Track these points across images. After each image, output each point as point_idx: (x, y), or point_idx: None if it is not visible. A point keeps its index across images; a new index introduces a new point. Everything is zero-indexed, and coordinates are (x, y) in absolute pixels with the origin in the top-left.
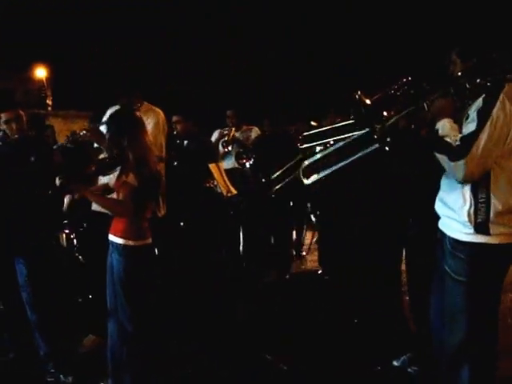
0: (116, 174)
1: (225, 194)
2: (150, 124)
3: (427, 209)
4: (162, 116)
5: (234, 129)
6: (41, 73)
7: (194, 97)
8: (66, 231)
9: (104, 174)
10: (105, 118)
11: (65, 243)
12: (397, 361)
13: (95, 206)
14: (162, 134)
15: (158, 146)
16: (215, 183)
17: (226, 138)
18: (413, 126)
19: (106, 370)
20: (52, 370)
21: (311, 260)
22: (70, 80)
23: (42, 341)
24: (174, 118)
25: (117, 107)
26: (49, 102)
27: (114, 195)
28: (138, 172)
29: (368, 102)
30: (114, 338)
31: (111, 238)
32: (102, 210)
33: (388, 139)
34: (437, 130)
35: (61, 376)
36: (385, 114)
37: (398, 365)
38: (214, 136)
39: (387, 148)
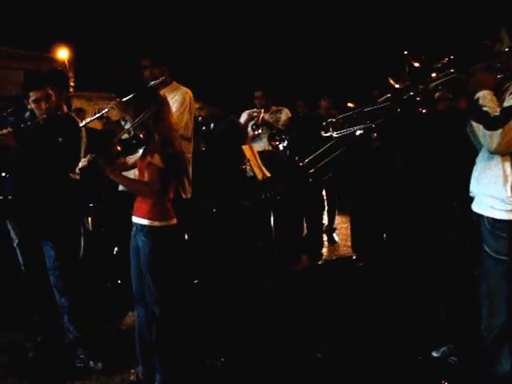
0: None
1: (259, 177)
2: (175, 103)
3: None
4: (189, 95)
5: (262, 110)
6: (63, 54)
7: (222, 78)
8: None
9: (129, 154)
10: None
11: (91, 228)
12: (436, 351)
13: (122, 187)
14: (187, 113)
15: (184, 125)
16: (247, 165)
17: (256, 121)
18: (451, 96)
19: (136, 356)
20: (81, 356)
21: (344, 245)
22: (92, 61)
23: (71, 325)
24: (197, 105)
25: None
26: (71, 83)
27: (136, 172)
28: (164, 152)
29: (416, 64)
30: (141, 322)
31: (135, 219)
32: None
33: (428, 102)
34: (477, 99)
35: (90, 362)
36: (433, 75)
37: (437, 355)
38: (243, 118)
39: (424, 110)
